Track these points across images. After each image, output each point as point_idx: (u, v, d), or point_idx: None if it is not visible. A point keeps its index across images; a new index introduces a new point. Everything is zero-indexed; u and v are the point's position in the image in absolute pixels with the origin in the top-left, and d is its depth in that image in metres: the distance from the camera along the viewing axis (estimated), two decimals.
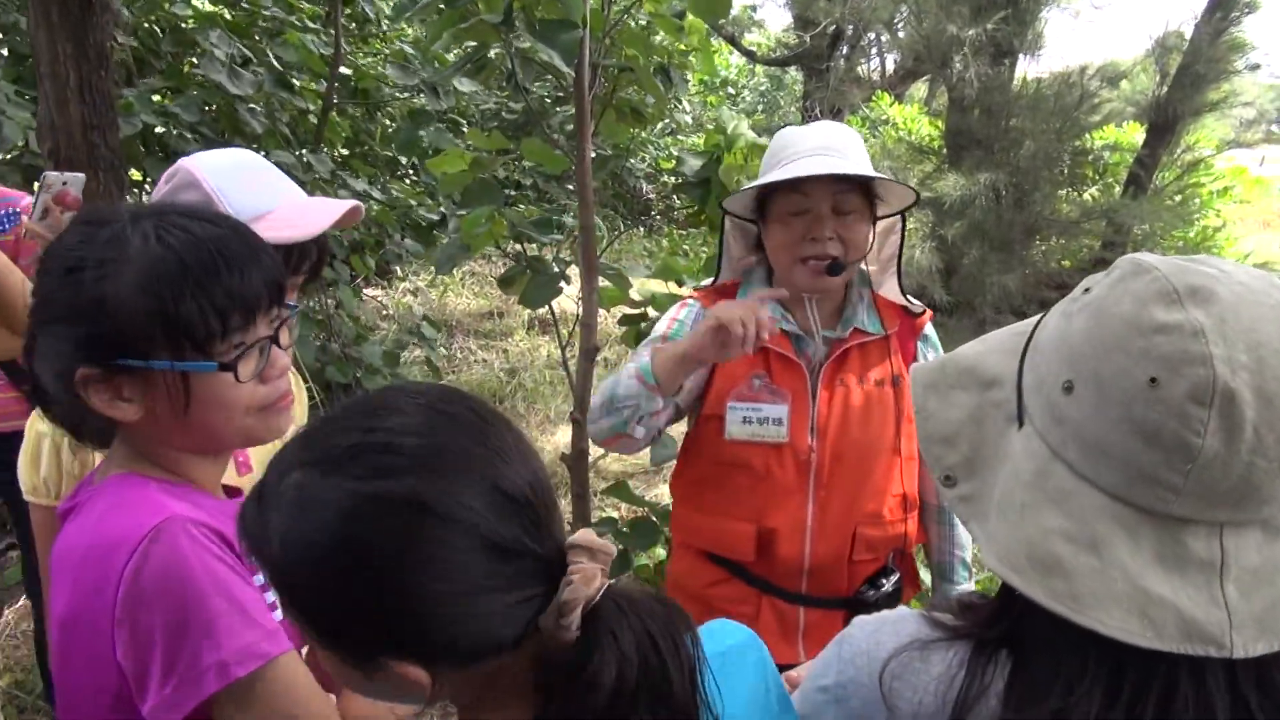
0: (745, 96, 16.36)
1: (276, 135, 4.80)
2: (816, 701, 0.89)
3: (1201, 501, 0.67)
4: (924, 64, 7.93)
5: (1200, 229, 7.79)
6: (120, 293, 0.94)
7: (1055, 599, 0.69)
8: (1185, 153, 7.56)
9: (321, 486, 0.69)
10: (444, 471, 0.69)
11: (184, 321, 0.95)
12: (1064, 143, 7.13)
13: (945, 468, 0.80)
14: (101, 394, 0.97)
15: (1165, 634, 0.66)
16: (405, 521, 0.67)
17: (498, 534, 0.69)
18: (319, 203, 1.44)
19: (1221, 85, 7.05)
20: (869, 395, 1.74)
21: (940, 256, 7.19)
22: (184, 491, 1.04)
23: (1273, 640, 0.66)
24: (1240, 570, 0.67)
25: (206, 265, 0.96)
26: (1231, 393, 0.65)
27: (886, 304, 1.82)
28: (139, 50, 4.57)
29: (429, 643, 0.69)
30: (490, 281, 8.38)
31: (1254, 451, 0.65)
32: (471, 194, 2.64)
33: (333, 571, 0.68)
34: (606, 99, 2.90)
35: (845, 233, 1.68)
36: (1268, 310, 0.67)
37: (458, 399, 0.76)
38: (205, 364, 0.98)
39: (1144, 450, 0.68)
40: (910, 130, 9.47)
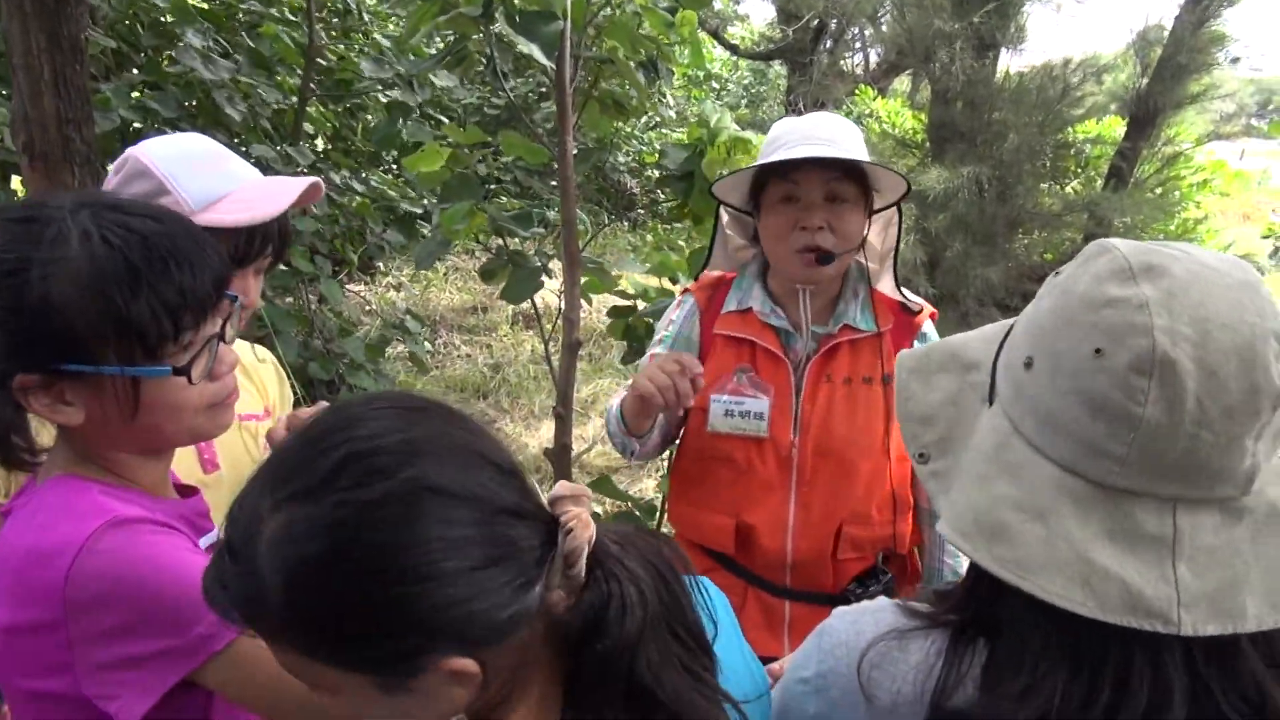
0: (729, 90, 16.34)
1: (257, 129, 4.76)
2: (797, 693, 0.88)
3: (1147, 474, 0.68)
4: (907, 58, 7.93)
5: (1181, 221, 7.83)
6: (65, 295, 0.90)
7: (1000, 564, 0.70)
8: (1166, 146, 7.59)
9: (313, 512, 0.67)
10: (434, 455, 0.70)
11: (135, 324, 0.92)
12: (1046, 136, 7.15)
13: (921, 445, 0.83)
14: (42, 400, 0.93)
15: (1108, 605, 0.67)
16: (408, 510, 0.67)
17: (501, 500, 0.70)
18: (276, 182, 1.40)
19: (1202, 78, 7.08)
20: (856, 393, 1.72)
21: (924, 250, 7.19)
22: (127, 494, 1.01)
23: (1226, 622, 0.66)
24: (1195, 549, 0.68)
25: (156, 264, 0.93)
26: (1171, 362, 0.66)
27: (884, 300, 1.80)
28: (119, 45, 4.51)
29: (462, 623, 0.68)
30: (474, 276, 8.35)
31: (1198, 423, 0.66)
32: (450, 189, 2.62)
33: (351, 585, 0.66)
34: (588, 91, 2.88)
35: (837, 222, 1.66)
36: (1221, 289, 0.68)
37: (417, 397, 0.77)
38: (158, 369, 0.95)
39: (1090, 421, 0.69)
40: (894, 124, 9.47)
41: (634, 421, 1.69)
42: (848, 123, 1.77)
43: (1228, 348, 0.66)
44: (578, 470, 4.48)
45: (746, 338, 1.77)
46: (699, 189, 2.91)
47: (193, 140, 1.39)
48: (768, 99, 16.39)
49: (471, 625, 0.68)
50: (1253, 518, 0.70)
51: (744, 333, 1.78)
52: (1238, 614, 0.67)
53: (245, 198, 1.34)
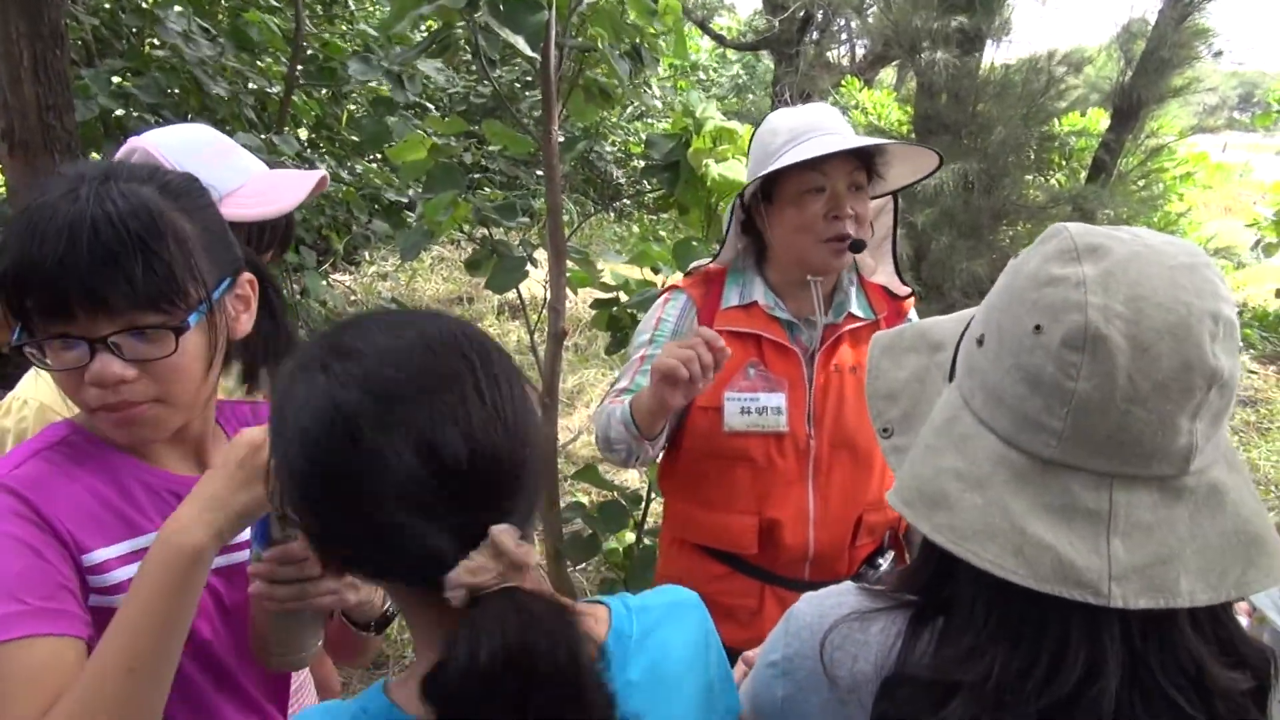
0: (715, 81, 16.32)
1: (242, 118, 4.72)
2: (766, 677, 0.90)
3: (1083, 448, 0.70)
4: (893, 50, 7.94)
5: (1164, 214, 7.89)
6: (6, 240, 0.95)
7: (937, 530, 0.73)
8: (1149, 138, 7.64)
9: (306, 379, 0.75)
10: (392, 408, 0.71)
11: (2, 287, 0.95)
12: (1031, 128, 7.17)
13: (885, 421, 0.86)
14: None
15: (1039, 574, 0.69)
16: (343, 434, 0.71)
17: (410, 489, 0.71)
18: (286, 176, 1.41)
19: (1185, 71, 7.12)
20: (862, 381, 1.71)
21: (910, 243, 7.22)
22: (110, 456, 1.05)
23: (1158, 597, 0.68)
24: (1130, 525, 0.70)
25: (27, 241, 0.93)
26: (1103, 338, 0.68)
27: (873, 288, 1.82)
28: (99, 30, 4.47)
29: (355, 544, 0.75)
30: (460, 266, 8.33)
31: (1129, 399, 0.68)
32: (434, 179, 2.61)
33: (304, 458, 0.73)
34: (574, 79, 2.88)
35: (860, 209, 1.67)
36: (1162, 269, 0.70)
37: (454, 346, 0.76)
38: (15, 336, 0.97)
39: (1029, 395, 0.71)
40: (880, 116, 9.49)
41: (649, 420, 1.60)
42: (838, 111, 1.79)
43: (1160, 325, 0.67)
44: (563, 460, 4.49)
45: (753, 332, 1.73)
46: (684, 179, 2.91)
47: (199, 131, 1.38)
48: (754, 90, 16.38)
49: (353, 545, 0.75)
50: (1193, 498, 0.72)
51: (750, 327, 1.74)
52: (1170, 590, 0.69)
53: (259, 189, 1.34)
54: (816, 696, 0.84)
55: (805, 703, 0.85)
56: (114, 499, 1.03)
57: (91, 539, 1.00)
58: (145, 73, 4.24)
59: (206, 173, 1.29)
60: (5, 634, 0.89)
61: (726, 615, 1.76)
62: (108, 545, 1.01)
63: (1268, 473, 5.03)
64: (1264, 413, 5.95)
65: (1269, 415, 5.91)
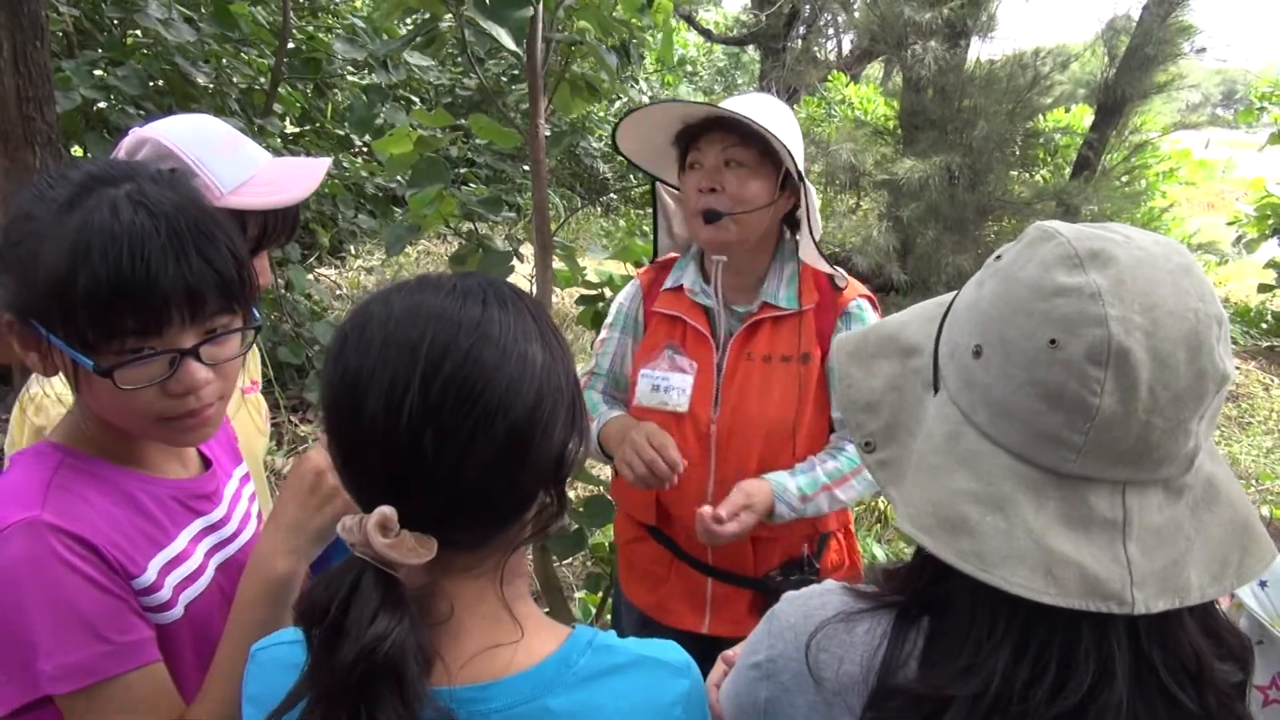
0: (702, 75, 16.31)
1: (226, 109, 4.69)
2: (749, 678, 0.89)
3: (1101, 461, 0.69)
4: (879, 44, 7.95)
5: (1147, 210, 7.94)
6: (48, 257, 0.90)
7: (963, 558, 0.70)
8: (1132, 134, 7.68)
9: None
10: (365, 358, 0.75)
11: (76, 309, 0.90)
12: (1016, 124, 7.20)
13: (866, 434, 0.82)
14: (19, 340, 0.96)
15: (1068, 590, 0.68)
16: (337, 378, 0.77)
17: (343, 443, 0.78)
18: (295, 164, 1.40)
19: (1168, 68, 7.16)
20: (774, 371, 1.72)
21: (896, 237, 7.25)
22: (111, 472, 1.01)
23: (1173, 598, 0.68)
24: (1142, 530, 0.69)
25: (122, 263, 0.89)
26: (1126, 351, 0.66)
27: (814, 276, 1.78)
28: (79, 22, 4.42)
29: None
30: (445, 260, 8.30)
31: (1150, 410, 0.67)
32: (419, 173, 2.59)
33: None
34: (560, 73, 2.87)
35: (731, 185, 1.67)
36: (1164, 274, 0.69)
37: (465, 337, 0.76)
38: (85, 360, 0.93)
39: (1046, 411, 0.69)
40: (866, 111, 9.52)
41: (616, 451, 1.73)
42: (780, 102, 1.79)
43: (1176, 336, 0.67)
44: None
45: (679, 315, 1.79)
46: None
47: (208, 121, 1.36)
48: (741, 85, 16.37)
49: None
50: (1192, 494, 0.72)
51: (675, 310, 1.80)
52: (1184, 589, 0.69)
53: (270, 178, 1.33)
54: (802, 698, 0.83)
55: (790, 705, 0.84)
56: (133, 516, 1.01)
57: (134, 561, 0.98)
58: (126, 62, 4.19)
59: (220, 163, 1.30)
60: (103, 674, 0.91)
61: (641, 577, 1.89)
62: (148, 562, 1.00)
63: (1248, 466, 5.08)
64: (1245, 407, 6.00)
65: (1250, 410, 5.96)
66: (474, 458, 0.74)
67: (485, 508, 0.78)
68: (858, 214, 8.34)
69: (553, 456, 0.80)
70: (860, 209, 8.51)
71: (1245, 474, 4.98)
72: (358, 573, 0.75)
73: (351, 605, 0.74)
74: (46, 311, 0.91)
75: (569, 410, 0.81)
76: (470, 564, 0.81)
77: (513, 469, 0.77)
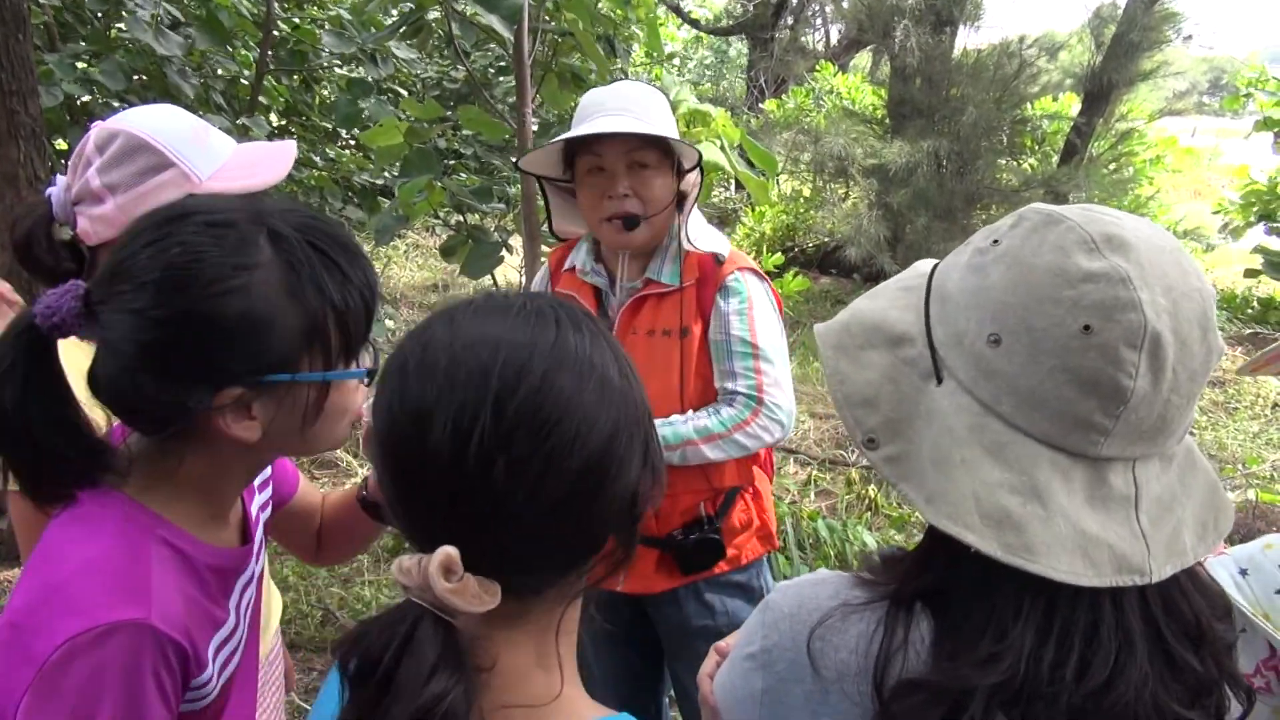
0: (690, 66, 16.27)
1: (210, 103, 4.65)
2: (744, 669, 0.88)
3: (1126, 441, 0.70)
4: (867, 34, 7.96)
5: (1134, 197, 7.97)
6: (269, 303, 0.86)
7: (1011, 552, 0.69)
8: (1119, 122, 7.71)
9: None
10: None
11: (343, 324, 0.91)
12: (1003, 112, 7.23)
13: (866, 430, 0.79)
14: (235, 414, 0.89)
15: (1104, 571, 0.69)
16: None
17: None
18: (262, 149, 1.39)
19: (1154, 55, 7.19)
20: (655, 345, 1.79)
21: (886, 225, 7.26)
22: (177, 536, 0.94)
23: (1178, 561, 0.70)
24: (1149, 501, 0.71)
25: (355, 261, 0.92)
26: (1158, 334, 0.68)
27: (696, 256, 1.82)
28: (60, 15, 4.38)
29: None
30: (435, 254, 8.28)
31: (1172, 390, 0.70)
32: (410, 163, 2.59)
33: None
34: (547, 65, 2.86)
35: (641, 188, 1.73)
36: (1168, 256, 0.71)
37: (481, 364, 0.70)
38: (356, 372, 0.94)
39: (1079, 397, 0.69)
40: (854, 100, 9.52)
41: None
42: (651, 90, 1.84)
43: (1191, 316, 0.70)
44: None
45: (572, 294, 1.85)
46: None
47: (177, 112, 1.35)
48: (729, 75, 16.36)
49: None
50: (1177, 461, 0.75)
51: (570, 289, 1.89)
52: (1184, 551, 0.71)
53: (241, 164, 1.32)
54: (799, 687, 0.82)
55: (787, 694, 0.83)
56: (199, 595, 0.96)
57: (204, 653, 0.94)
58: (109, 56, 4.15)
59: (194, 152, 1.29)
60: None
61: None
62: (209, 650, 0.96)
63: (1235, 451, 5.11)
64: (1231, 393, 6.04)
65: (1236, 395, 6.00)
66: (547, 492, 0.68)
67: (554, 549, 0.72)
68: (847, 203, 8.34)
69: (627, 495, 0.73)
70: (850, 198, 8.52)
71: (1232, 458, 5.02)
72: (414, 619, 0.68)
73: (406, 656, 0.67)
74: (297, 352, 0.89)
75: (644, 445, 0.75)
76: (520, 611, 0.73)
77: (586, 507, 0.71)
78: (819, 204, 8.80)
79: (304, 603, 3.33)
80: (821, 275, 8.75)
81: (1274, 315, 7.64)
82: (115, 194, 1.28)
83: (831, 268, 8.61)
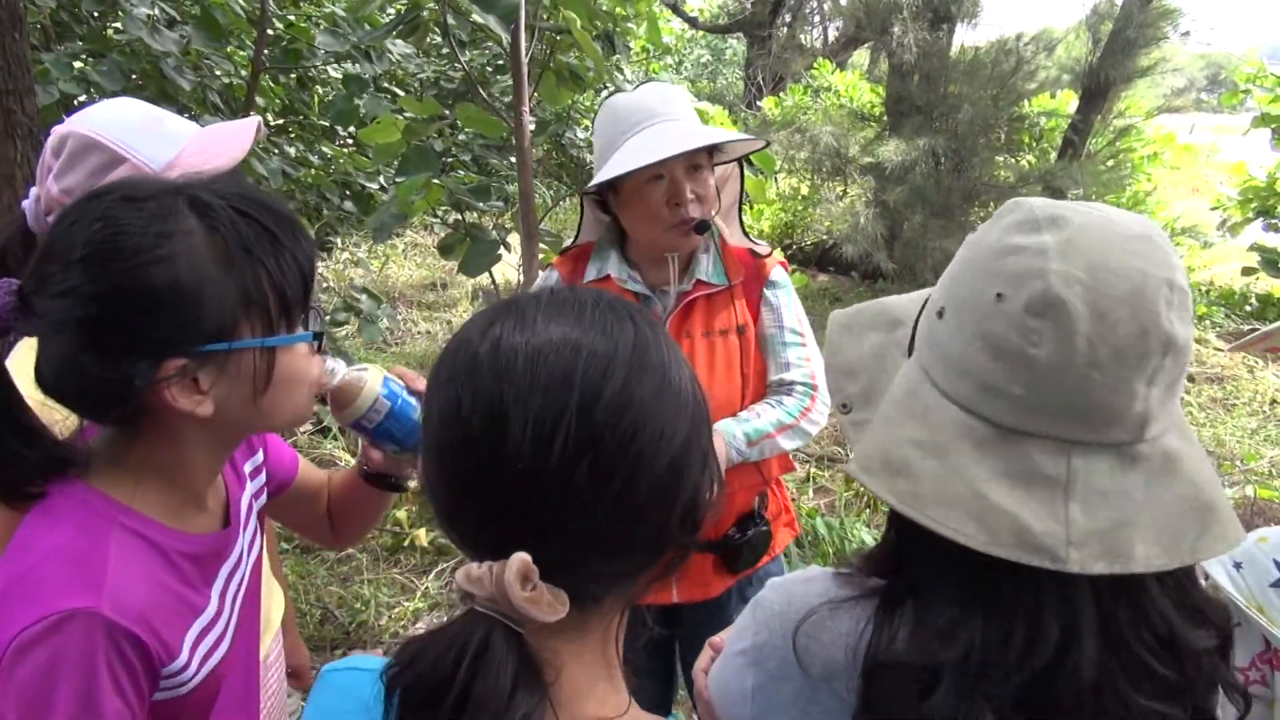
0: (688, 64, 16.26)
1: (206, 102, 4.64)
2: (736, 666, 0.89)
3: (1042, 414, 0.71)
4: (864, 31, 7.96)
5: (1132, 194, 7.97)
6: (201, 270, 0.87)
7: (899, 498, 0.73)
8: (1117, 119, 7.71)
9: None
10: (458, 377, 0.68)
11: (279, 290, 0.90)
12: (1000, 109, 7.23)
13: (844, 396, 0.85)
14: (182, 388, 0.89)
15: (1000, 540, 0.69)
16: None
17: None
18: (223, 129, 1.37)
19: (1152, 52, 7.19)
20: (714, 346, 1.78)
21: (883, 223, 7.26)
22: (144, 525, 0.94)
23: (1114, 562, 0.69)
24: (1087, 491, 0.70)
25: (285, 227, 0.92)
26: (1062, 302, 0.69)
27: (735, 252, 1.84)
28: (56, 14, 4.37)
29: None
30: (433, 252, 8.28)
31: (1090, 364, 0.69)
32: (408, 161, 2.59)
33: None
34: (545, 62, 2.86)
35: (701, 190, 1.73)
36: (1120, 239, 0.71)
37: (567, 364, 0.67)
38: (299, 336, 0.93)
39: (991, 363, 0.72)
40: (851, 98, 9.51)
41: None
42: (679, 89, 1.85)
43: (1118, 293, 0.69)
44: None
45: None
46: None
47: (127, 105, 1.33)
48: (726, 73, 16.35)
49: None
50: (1149, 465, 0.72)
51: None
52: (1126, 554, 0.69)
53: (198, 149, 1.31)
54: (789, 685, 0.83)
55: (777, 692, 0.85)
56: (173, 582, 0.96)
57: (174, 641, 0.93)
58: (106, 55, 4.15)
59: (146, 143, 1.27)
60: None
61: None
62: (183, 639, 0.95)
63: (1233, 448, 5.12)
64: (1229, 389, 6.04)
65: (1234, 391, 6.00)
66: (627, 498, 0.66)
67: (625, 554, 0.70)
68: (845, 200, 8.34)
69: (691, 501, 0.71)
70: (847, 195, 8.52)
71: (1230, 455, 5.02)
72: (485, 632, 0.64)
73: (481, 673, 0.63)
74: (233, 319, 0.90)
75: (704, 450, 0.73)
76: (580, 621, 0.70)
77: (660, 512, 0.69)
78: (817, 202, 8.80)
79: (303, 601, 3.32)
80: (819, 273, 8.77)
81: (1272, 312, 7.64)
82: (74, 198, 1.26)
83: (829, 265, 8.62)
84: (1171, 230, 8.04)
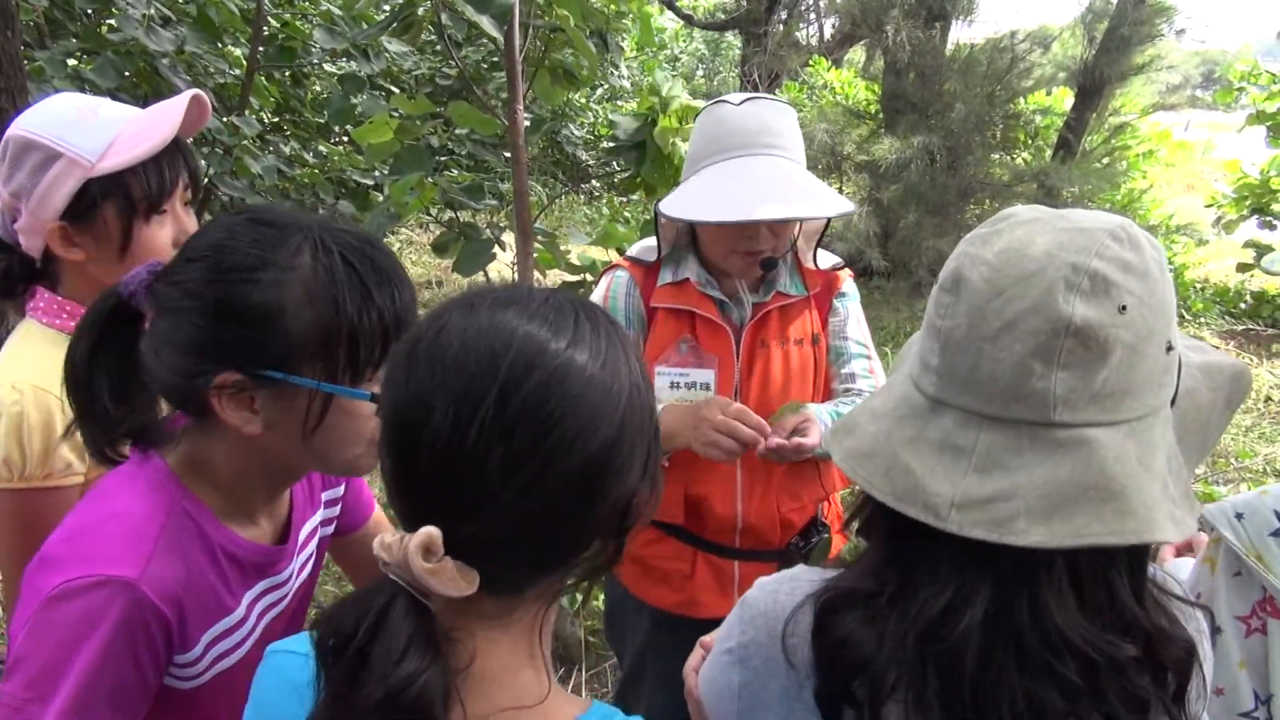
0: (683, 61, 16.25)
1: None
2: (723, 664, 0.91)
3: (953, 386, 0.76)
4: (860, 28, 7.95)
5: (1127, 191, 7.97)
6: (292, 302, 0.91)
7: (841, 453, 0.82)
8: (1112, 116, 7.71)
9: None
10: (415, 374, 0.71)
11: (354, 342, 0.93)
12: (995, 107, 7.22)
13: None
14: (232, 402, 0.94)
15: (897, 493, 0.76)
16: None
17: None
18: (157, 108, 1.36)
19: (1147, 49, 7.19)
20: (789, 355, 1.78)
21: (877, 221, 7.26)
22: (202, 516, 1.00)
23: (992, 530, 0.72)
24: (988, 463, 0.74)
25: (384, 286, 0.95)
26: (964, 279, 0.76)
27: (810, 269, 1.85)
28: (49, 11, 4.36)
29: None
30: (428, 250, 8.28)
31: (982, 337, 0.73)
32: (401, 160, 2.58)
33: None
34: (539, 60, 2.86)
35: (778, 228, 1.70)
36: (1055, 231, 0.75)
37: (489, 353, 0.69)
38: (359, 392, 0.95)
39: (924, 338, 0.80)
40: (847, 95, 9.51)
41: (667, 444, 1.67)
42: (787, 110, 1.75)
43: (1018, 272, 0.73)
44: None
45: (686, 308, 1.78)
46: (650, 158, 2.91)
47: (59, 99, 1.33)
48: (722, 70, 16.33)
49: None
50: (1059, 450, 0.73)
51: (683, 304, 1.78)
52: (1006, 525, 0.71)
53: (135, 132, 1.30)
54: (774, 682, 0.85)
55: (763, 689, 0.86)
56: (213, 579, 1.01)
57: (195, 633, 0.99)
58: (101, 53, 4.14)
59: (80, 135, 1.26)
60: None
61: (661, 579, 1.86)
62: (202, 636, 1.00)
63: (1228, 445, 5.13)
64: None
65: None
66: (540, 489, 0.68)
67: (537, 546, 0.72)
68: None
69: (621, 502, 0.73)
70: (842, 193, 8.51)
71: (1224, 452, 5.04)
72: (388, 598, 0.68)
73: (379, 634, 0.67)
74: (300, 355, 0.93)
75: (645, 454, 0.74)
76: (499, 612, 0.74)
77: (577, 508, 0.70)
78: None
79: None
80: None
81: (1266, 310, 7.66)
82: (23, 201, 1.27)
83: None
84: (1166, 227, 8.04)
